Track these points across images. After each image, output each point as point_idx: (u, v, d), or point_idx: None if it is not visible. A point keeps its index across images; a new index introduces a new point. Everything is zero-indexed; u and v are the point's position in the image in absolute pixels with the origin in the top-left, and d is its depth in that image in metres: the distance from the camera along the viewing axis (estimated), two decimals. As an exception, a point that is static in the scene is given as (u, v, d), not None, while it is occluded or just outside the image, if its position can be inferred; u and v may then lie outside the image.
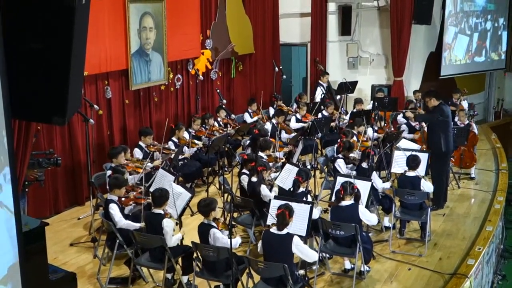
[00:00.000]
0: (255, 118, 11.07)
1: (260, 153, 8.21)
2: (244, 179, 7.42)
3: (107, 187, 7.07)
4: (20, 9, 2.95)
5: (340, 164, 8.18)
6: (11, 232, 2.87)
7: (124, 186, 6.62)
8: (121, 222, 6.23)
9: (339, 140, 8.92)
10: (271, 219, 5.80)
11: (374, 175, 7.69)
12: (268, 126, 10.30)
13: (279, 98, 12.23)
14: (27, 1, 2.96)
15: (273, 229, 5.54)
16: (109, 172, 7.45)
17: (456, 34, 14.10)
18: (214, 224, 5.79)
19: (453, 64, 14.30)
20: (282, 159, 8.09)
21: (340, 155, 8.32)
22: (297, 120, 10.96)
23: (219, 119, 10.58)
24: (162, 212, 6.05)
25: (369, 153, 7.87)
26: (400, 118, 11.19)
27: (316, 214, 6.30)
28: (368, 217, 6.34)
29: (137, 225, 6.27)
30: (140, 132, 8.82)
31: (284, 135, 10.29)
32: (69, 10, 2.99)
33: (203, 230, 5.82)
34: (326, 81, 13.06)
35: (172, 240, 5.93)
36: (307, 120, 10.79)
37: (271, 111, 11.71)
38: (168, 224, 5.93)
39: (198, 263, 5.89)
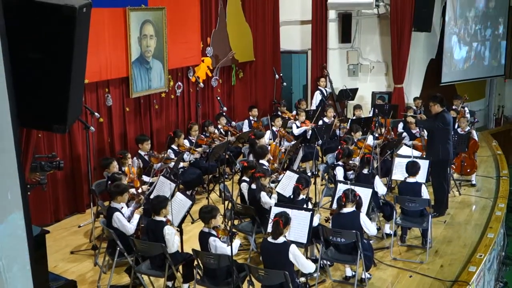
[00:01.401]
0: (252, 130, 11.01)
1: (261, 161, 8.21)
2: (244, 186, 7.42)
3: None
4: (19, 19, 2.96)
5: (338, 172, 8.16)
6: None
7: (126, 192, 6.61)
8: (131, 230, 6.24)
9: (339, 147, 8.92)
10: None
11: (377, 179, 7.67)
12: (267, 134, 10.28)
13: (283, 104, 12.22)
14: (27, 10, 2.97)
15: (270, 238, 5.54)
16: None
17: (456, 42, 14.14)
18: (213, 232, 5.79)
19: (454, 71, 14.32)
20: (284, 172, 8.04)
21: (339, 162, 8.31)
22: (297, 127, 10.96)
23: (219, 126, 10.58)
24: (163, 219, 6.05)
25: (368, 159, 7.86)
26: (400, 128, 11.19)
27: (315, 221, 6.29)
28: (368, 226, 6.32)
29: (137, 216, 6.35)
30: (137, 140, 8.84)
31: (285, 143, 10.28)
32: (69, 19, 2.99)
33: (203, 238, 5.82)
34: (324, 86, 13.06)
35: (174, 245, 5.93)
36: (306, 126, 10.80)
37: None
38: (169, 232, 5.93)
39: (199, 271, 5.88)
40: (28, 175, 4.35)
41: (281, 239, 5.46)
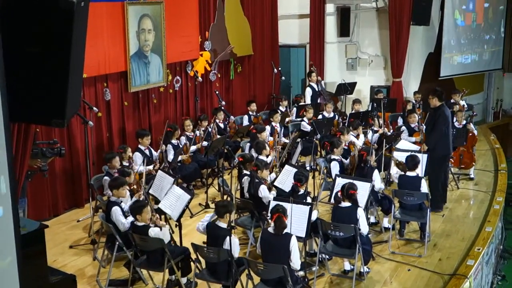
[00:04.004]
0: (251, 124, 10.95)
1: (260, 156, 8.20)
2: (246, 180, 7.41)
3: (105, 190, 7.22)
4: (18, 13, 2.96)
5: (333, 167, 8.14)
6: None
7: (122, 187, 6.58)
8: (124, 227, 6.22)
9: (325, 142, 8.84)
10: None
11: (376, 174, 7.67)
12: (268, 128, 10.23)
13: (284, 98, 12.14)
14: (25, 5, 2.96)
15: (271, 229, 5.54)
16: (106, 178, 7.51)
17: (454, 35, 14.12)
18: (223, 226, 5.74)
19: (452, 64, 14.31)
20: (281, 169, 8.00)
21: (336, 157, 8.26)
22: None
23: (217, 120, 10.57)
24: (145, 223, 6.01)
25: (362, 155, 7.89)
26: (399, 123, 11.17)
27: (314, 216, 6.29)
28: (362, 224, 6.22)
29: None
30: (137, 135, 8.82)
31: (282, 139, 10.24)
32: (67, 13, 2.99)
33: (220, 234, 5.70)
34: (315, 81, 12.96)
35: (165, 237, 5.92)
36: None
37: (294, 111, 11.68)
38: (153, 233, 5.91)
39: (198, 264, 5.88)
40: (29, 162, 4.33)
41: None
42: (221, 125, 10.64)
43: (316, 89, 12.78)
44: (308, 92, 12.68)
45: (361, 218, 6.26)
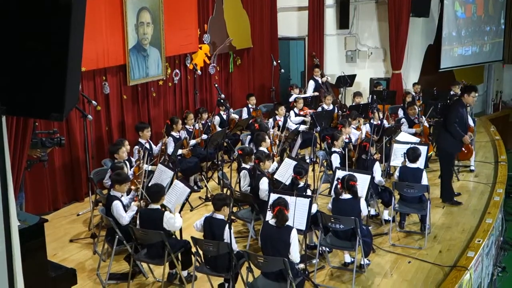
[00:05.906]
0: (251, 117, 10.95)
1: (261, 148, 8.18)
2: (244, 174, 7.40)
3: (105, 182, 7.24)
4: (15, 7, 2.93)
5: (334, 159, 8.14)
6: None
7: (126, 183, 6.57)
8: (125, 221, 6.21)
9: (326, 136, 8.85)
10: (270, 214, 5.78)
11: (377, 166, 7.66)
12: (270, 122, 10.21)
13: (295, 86, 12.28)
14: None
15: (272, 222, 5.53)
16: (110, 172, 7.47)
17: (454, 27, 14.07)
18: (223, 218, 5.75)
19: (452, 56, 14.28)
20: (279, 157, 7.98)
21: (336, 149, 8.26)
22: (296, 115, 10.89)
23: (222, 112, 10.54)
24: (159, 207, 6.02)
25: (365, 146, 7.87)
26: (400, 115, 11.16)
27: (314, 208, 6.28)
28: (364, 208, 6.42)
29: (134, 208, 6.29)
30: (137, 128, 8.77)
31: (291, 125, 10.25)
32: (65, 6, 2.96)
33: (218, 225, 5.73)
34: (318, 75, 12.96)
35: (177, 224, 5.94)
36: (306, 114, 10.75)
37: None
38: (168, 216, 5.90)
39: (198, 258, 5.88)
40: (28, 152, 4.31)
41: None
42: (225, 117, 10.60)
43: (320, 82, 12.81)
44: (311, 84, 12.72)
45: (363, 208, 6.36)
